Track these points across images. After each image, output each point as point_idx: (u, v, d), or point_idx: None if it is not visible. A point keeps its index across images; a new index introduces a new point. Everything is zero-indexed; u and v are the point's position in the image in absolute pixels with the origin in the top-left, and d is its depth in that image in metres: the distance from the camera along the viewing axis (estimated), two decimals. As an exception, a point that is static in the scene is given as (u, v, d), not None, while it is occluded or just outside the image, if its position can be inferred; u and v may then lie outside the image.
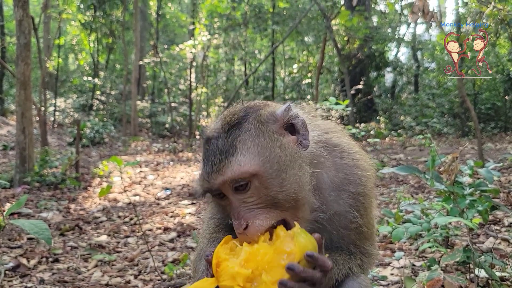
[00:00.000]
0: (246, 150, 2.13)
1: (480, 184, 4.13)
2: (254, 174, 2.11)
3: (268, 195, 2.13)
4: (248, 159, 2.11)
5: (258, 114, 2.24)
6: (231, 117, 2.25)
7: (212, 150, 2.18)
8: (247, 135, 2.17)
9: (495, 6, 7.98)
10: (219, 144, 2.17)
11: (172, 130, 28.06)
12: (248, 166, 2.10)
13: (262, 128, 2.20)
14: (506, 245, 5.23)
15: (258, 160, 2.12)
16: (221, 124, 2.25)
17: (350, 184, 2.38)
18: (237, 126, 2.20)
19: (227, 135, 2.18)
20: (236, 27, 27.64)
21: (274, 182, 2.13)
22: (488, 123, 23.78)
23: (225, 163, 2.12)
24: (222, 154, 2.14)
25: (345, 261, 2.35)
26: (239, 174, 2.10)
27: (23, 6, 11.30)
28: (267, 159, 2.14)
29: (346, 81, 17.42)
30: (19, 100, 11.57)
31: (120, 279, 5.51)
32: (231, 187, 2.14)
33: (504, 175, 9.55)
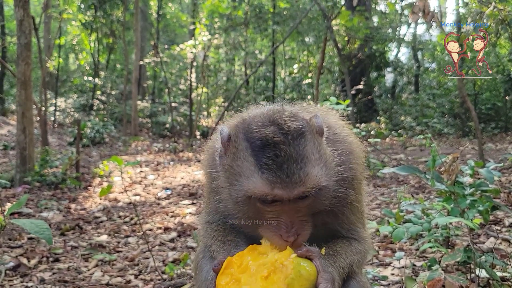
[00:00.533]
0: (315, 162, 2.08)
1: (480, 184, 4.13)
2: (321, 188, 2.10)
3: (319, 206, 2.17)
4: (320, 171, 2.08)
5: (311, 125, 2.19)
6: (294, 125, 2.12)
7: (284, 156, 2.03)
8: (312, 146, 2.11)
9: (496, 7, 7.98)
10: (292, 152, 2.04)
11: (173, 130, 28.05)
12: (321, 179, 2.08)
13: (319, 140, 2.18)
14: (507, 245, 5.23)
15: (326, 173, 2.12)
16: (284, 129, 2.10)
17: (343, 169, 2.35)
18: (302, 135, 2.10)
19: (296, 143, 2.07)
20: (237, 27, 27.65)
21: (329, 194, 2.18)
22: (488, 123, 23.76)
23: (304, 173, 2.03)
24: (297, 163, 2.03)
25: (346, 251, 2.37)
26: (316, 184, 2.06)
27: (24, 6, 11.31)
28: (332, 171, 2.16)
29: (346, 81, 17.42)
30: (19, 100, 11.57)
31: (121, 278, 5.51)
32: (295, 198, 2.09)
33: (504, 175, 9.55)
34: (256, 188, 2.06)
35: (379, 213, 7.42)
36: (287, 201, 2.08)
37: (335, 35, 20.72)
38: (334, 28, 22.01)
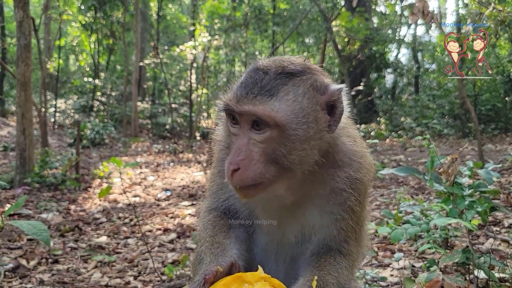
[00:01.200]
0: (285, 100, 2.16)
1: (479, 185, 4.13)
2: (278, 125, 2.13)
3: (275, 150, 2.16)
4: (282, 109, 2.14)
5: (314, 78, 2.26)
6: (288, 64, 2.25)
7: (255, 80, 2.20)
8: (294, 89, 2.19)
9: (495, 7, 7.98)
10: (265, 80, 2.18)
11: (173, 131, 28.04)
12: (279, 115, 2.13)
13: (311, 93, 2.22)
14: (506, 246, 5.23)
15: (290, 115, 2.15)
16: (276, 64, 2.25)
17: (350, 167, 2.42)
18: (289, 76, 2.21)
19: (276, 77, 2.19)
20: (237, 28, 27.64)
21: (288, 143, 2.16)
22: (488, 124, 23.74)
23: (260, 99, 2.14)
24: (262, 89, 2.16)
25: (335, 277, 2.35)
26: (267, 115, 2.12)
27: (24, 7, 11.32)
28: (298, 120, 2.16)
29: (346, 82, 17.45)
30: (19, 101, 11.58)
31: (120, 280, 5.51)
32: (249, 122, 2.18)
33: (504, 176, 9.55)
34: (223, 99, 2.26)
35: (378, 214, 7.42)
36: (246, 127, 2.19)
37: (334, 36, 20.73)
38: (334, 29, 22.03)
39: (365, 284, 4.26)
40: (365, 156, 2.52)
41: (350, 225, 2.45)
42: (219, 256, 2.37)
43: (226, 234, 2.54)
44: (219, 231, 2.55)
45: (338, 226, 2.44)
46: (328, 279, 2.32)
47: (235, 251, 2.43)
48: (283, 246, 2.58)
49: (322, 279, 2.29)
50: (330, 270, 2.36)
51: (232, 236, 2.54)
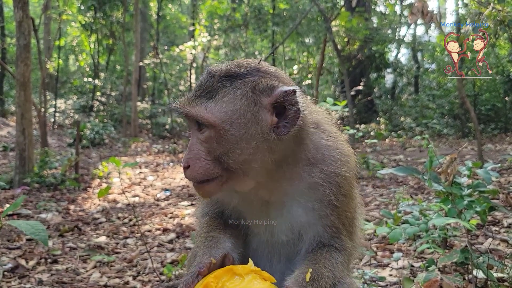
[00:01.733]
0: (220, 102, 2.25)
1: (478, 184, 4.12)
2: (212, 125, 2.23)
3: (216, 150, 2.26)
4: (216, 110, 2.24)
5: (258, 81, 2.29)
6: (234, 68, 2.34)
7: (201, 83, 2.35)
8: (231, 91, 2.27)
9: (494, 7, 7.98)
10: (208, 83, 2.32)
11: (172, 131, 28.03)
12: (211, 115, 2.23)
13: (250, 95, 2.26)
14: (505, 246, 5.23)
15: (222, 116, 2.24)
16: (224, 68, 2.35)
17: (324, 163, 2.44)
18: (231, 78, 2.30)
19: (219, 80, 2.30)
20: (236, 28, 27.64)
21: (224, 143, 2.25)
22: (488, 124, 23.73)
23: (197, 101, 2.28)
24: (203, 92, 2.30)
25: (330, 270, 2.36)
26: (199, 116, 2.24)
27: (23, 7, 11.32)
28: (231, 121, 2.24)
29: (345, 82, 17.46)
30: (19, 101, 11.58)
31: (119, 280, 5.51)
32: (194, 123, 2.31)
33: (503, 176, 9.55)
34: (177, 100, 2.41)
35: (377, 214, 7.42)
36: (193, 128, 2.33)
37: (334, 36, 20.72)
38: (334, 29, 22.00)
39: (364, 284, 4.25)
40: (339, 148, 2.52)
41: (336, 221, 2.46)
42: (212, 248, 2.42)
43: (220, 230, 2.59)
44: (215, 228, 2.60)
45: (323, 223, 2.45)
46: (323, 272, 2.33)
47: (228, 244, 2.48)
48: (275, 246, 2.60)
49: (317, 272, 2.31)
50: (325, 264, 2.38)
51: (227, 231, 2.59)
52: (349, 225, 2.55)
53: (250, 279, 2.15)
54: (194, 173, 2.30)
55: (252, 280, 2.14)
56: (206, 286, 2.14)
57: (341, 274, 2.40)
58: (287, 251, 2.59)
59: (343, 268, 2.45)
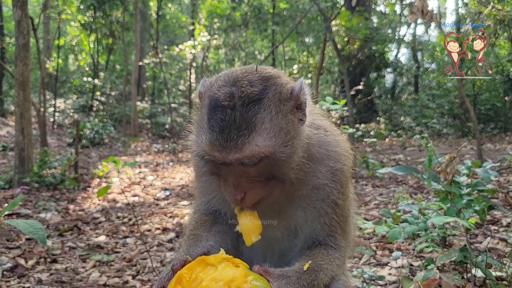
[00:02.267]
0: (264, 130, 2.10)
1: (477, 184, 4.12)
2: (268, 156, 2.11)
3: (272, 173, 2.17)
4: (266, 141, 2.09)
5: (278, 91, 2.20)
6: (249, 89, 2.14)
7: (228, 121, 2.08)
8: (266, 114, 2.12)
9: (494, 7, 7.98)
10: (237, 118, 2.07)
11: (172, 131, 28.05)
12: (265, 148, 2.09)
13: (281, 108, 2.18)
14: (504, 245, 5.23)
15: (274, 142, 2.11)
16: (237, 94, 2.13)
17: (329, 159, 2.42)
18: (256, 102, 2.11)
19: (246, 110, 2.09)
20: (236, 27, 27.64)
21: (283, 163, 2.16)
22: (488, 124, 23.74)
23: (243, 141, 2.06)
24: (240, 130, 2.06)
25: (328, 264, 2.36)
26: (256, 154, 2.08)
27: (22, 6, 11.32)
28: (283, 141, 2.14)
29: (345, 81, 17.43)
30: (18, 101, 11.58)
31: (118, 279, 5.51)
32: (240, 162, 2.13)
33: (503, 176, 9.55)
34: (200, 147, 2.18)
35: (377, 213, 7.42)
36: (236, 165, 2.13)
37: (334, 36, 20.71)
38: (334, 29, 22.00)
39: (363, 283, 4.25)
40: (340, 144, 2.50)
41: (334, 219, 2.46)
42: (191, 246, 2.39)
43: (206, 227, 2.56)
44: (201, 225, 2.58)
45: (321, 221, 2.44)
46: (322, 264, 2.33)
47: (211, 242, 2.45)
48: (269, 242, 2.57)
49: (316, 264, 2.31)
50: (323, 258, 2.38)
51: (213, 229, 2.56)
52: (344, 223, 2.55)
53: (223, 267, 2.14)
54: (251, 200, 2.20)
55: (225, 268, 2.13)
56: (179, 279, 2.13)
57: (337, 271, 2.40)
58: (282, 247, 2.59)
59: (339, 265, 2.45)
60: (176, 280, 2.14)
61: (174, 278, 2.15)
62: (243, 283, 2.07)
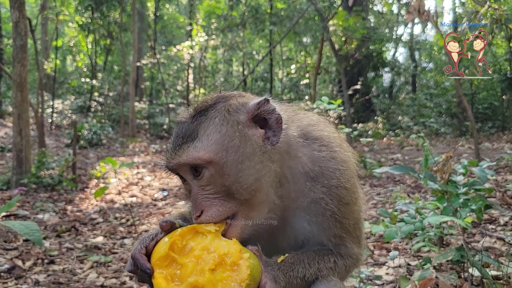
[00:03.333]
0: (205, 137, 2.18)
1: (474, 183, 4.12)
2: (209, 161, 2.15)
3: (223, 185, 2.17)
4: (205, 146, 2.16)
5: (228, 103, 2.27)
6: (201, 104, 2.32)
7: (177, 133, 2.26)
8: (210, 122, 2.21)
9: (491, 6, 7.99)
10: (184, 128, 2.25)
11: (170, 131, 27.99)
12: (203, 153, 2.15)
13: (228, 117, 2.22)
14: (502, 244, 5.24)
15: (214, 148, 2.16)
16: (192, 110, 2.32)
17: (323, 177, 2.39)
18: (203, 113, 2.25)
19: (192, 121, 2.25)
20: (234, 28, 27.64)
21: (229, 172, 2.16)
22: (485, 123, 23.79)
23: (183, 147, 2.18)
24: (184, 138, 2.21)
25: (313, 261, 2.34)
26: (193, 159, 2.16)
27: (20, 7, 11.31)
28: (224, 148, 2.17)
29: (343, 81, 17.51)
30: (15, 102, 11.57)
31: (116, 280, 5.50)
32: (189, 172, 2.22)
33: (500, 175, 9.56)
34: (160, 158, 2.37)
35: (375, 212, 7.42)
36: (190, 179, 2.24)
37: (331, 36, 20.72)
38: (331, 29, 22.02)
39: (361, 282, 4.26)
40: (335, 158, 2.45)
41: (339, 231, 2.43)
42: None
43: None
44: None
45: (326, 234, 2.43)
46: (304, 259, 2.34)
47: None
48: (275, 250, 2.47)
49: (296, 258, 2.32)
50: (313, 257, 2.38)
51: None
52: (354, 230, 2.51)
53: (212, 236, 2.14)
54: (209, 216, 2.18)
55: (215, 238, 2.14)
56: (172, 245, 2.13)
57: (328, 273, 2.37)
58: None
59: (335, 269, 2.42)
60: (169, 246, 2.12)
61: (168, 243, 2.13)
62: (239, 259, 2.06)
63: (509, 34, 18.21)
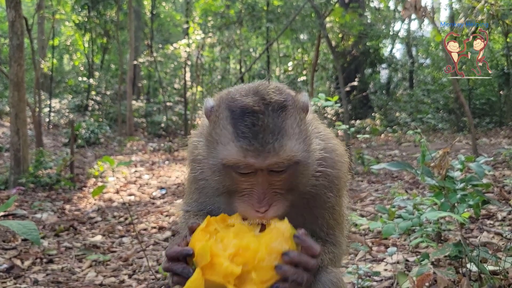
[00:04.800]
0: (293, 136, 2.08)
1: (471, 178, 4.13)
2: (298, 162, 2.10)
3: (294, 182, 2.15)
4: (296, 145, 2.08)
5: (295, 100, 2.21)
6: (277, 97, 2.12)
7: (261, 126, 2.02)
8: (293, 120, 2.12)
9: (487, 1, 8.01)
10: (270, 122, 2.03)
11: (168, 130, 28.01)
12: (298, 152, 2.08)
13: (302, 116, 2.19)
14: (499, 239, 5.25)
15: (303, 147, 2.11)
16: (264, 101, 2.10)
17: (327, 166, 2.39)
18: (283, 109, 2.10)
19: (276, 115, 2.07)
20: (231, 25, 27.61)
21: (306, 172, 2.17)
22: (483, 118, 23.82)
23: (280, 144, 2.02)
24: (274, 134, 2.02)
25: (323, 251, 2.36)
26: (291, 157, 2.06)
27: (16, 7, 11.28)
28: (308, 148, 2.15)
29: (340, 78, 17.49)
30: (12, 101, 11.55)
31: (114, 279, 5.51)
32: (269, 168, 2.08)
33: (498, 170, 9.58)
34: (230, 155, 2.07)
35: (373, 209, 7.43)
36: (261, 172, 2.08)
37: (328, 32, 20.71)
38: (328, 25, 22.00)
39: (359, 279, 4.27)
40: (335, 150, 2.49)
41: (331, 220, 2.47)
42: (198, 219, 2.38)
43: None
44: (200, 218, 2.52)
45: (319, 223, 2.46)
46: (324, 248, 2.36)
47: None
48: None
49: None
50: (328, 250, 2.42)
51: None
52: (342, 221, 2.58)
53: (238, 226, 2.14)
54: (275, 213, 2.12)
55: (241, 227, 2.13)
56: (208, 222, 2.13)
57: (329, 263, 2.40)
58: None
59: (333, 259, 2.46)
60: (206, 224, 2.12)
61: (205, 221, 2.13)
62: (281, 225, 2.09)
63: (505, 29, 18.21)
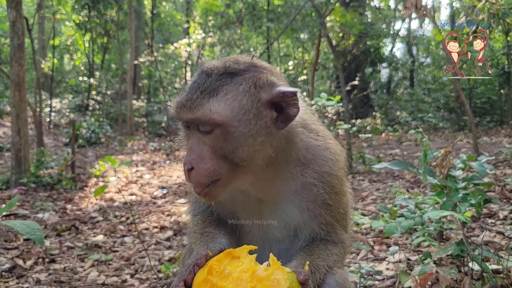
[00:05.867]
0: (224, 100, 2.19)
1: (473, 177, 4.14)
2: (219, 124, 2.17)
3: (223, 147, 2.20)
4: (221, 109, 2.17)
5: (257, 77, 2.27)
6: (232, 65, 2.28)
7: (197, 84, 2.25)
8: (234, 88, 2.22)
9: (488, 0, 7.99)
10: (206, 83, 2.23)
11: (168, 129, 28.01)
12: (217, 115, 2.16)
13: (252, 91, 2.23)
14: (501, 238, 5.25)
15: (229, 114, 2.18)
16: (220, 65, 2.28)
17: (315, 163, 2.46)
18: (230, 75, 2.24)
19: (217, 78, 2.23)
20: (231, 25, 27.60)
21: (232, 140, 2.20)
22: (483, 117, 23.80)
23: (199, 103, 2.18)
24: (202, 92, 2.20)
25: (324, 260, 2.39)
26: (206, 118, 2.17)
27: (16, 7, 11.28)
28: (238, 117, 2.19)
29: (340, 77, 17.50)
30: (13, 101, 11.56)
31: (117, 278, 5.52)
32: (196, 125, 2.22)
33: (499, 169, 9.58)
34: (171, 108, 2.34)
35: (374, 208, 7.44)
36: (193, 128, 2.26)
37: (328, 32, 20.70)
38: (328, 25, 21.99)
39: (361, 278, 4.27)
40: (329, 148, 2.54)
41: (330, 219, 2.50)
42: (209, 242, 2.41)
43: (216, 227, 2.59)
44: (209, 224, 2.61)
45: (318, 221, 2.48)
46: (319, 262, 2.37)
47: (224, 240, 2.46)
48: (268, 243, 2.60)
49: (313, 263, 2.33)
50: (319, 254, 2.42)
51: (222, 228, 2.58)
52: (343, 219, 2.59)
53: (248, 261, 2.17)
54: (200, 176, 2.21)
55: (250, 262, 2.16)
56: (210, 269, 2.16)
57: (333, 265, 2.43)
58: (282, 247, 2.60)
59: (337, 259, 2.49)
60: (207, 271, 2.15)
61: (206, 268, 2.17)
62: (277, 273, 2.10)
63: (506, 28, 18.22)
